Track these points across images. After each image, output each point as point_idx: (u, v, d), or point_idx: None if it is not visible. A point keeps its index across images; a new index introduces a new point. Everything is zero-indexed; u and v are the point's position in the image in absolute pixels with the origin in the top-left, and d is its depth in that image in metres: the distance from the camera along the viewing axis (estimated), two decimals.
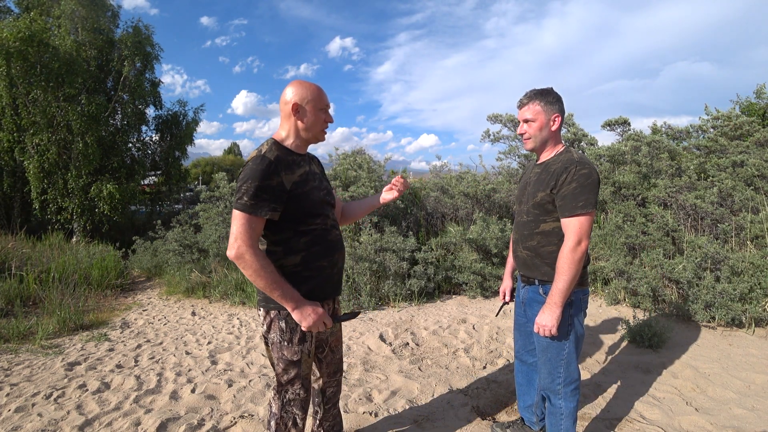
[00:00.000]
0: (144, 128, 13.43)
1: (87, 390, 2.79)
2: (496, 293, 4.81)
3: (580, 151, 1.86)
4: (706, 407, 2.39)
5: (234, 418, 2.37)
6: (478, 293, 4.74)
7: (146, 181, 14.40)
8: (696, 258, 3.94)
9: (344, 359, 3.26)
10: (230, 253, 1.41)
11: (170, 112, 13.84)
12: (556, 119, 1.75)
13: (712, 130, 7.22)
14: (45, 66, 10.06)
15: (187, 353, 3.51)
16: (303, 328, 1.50)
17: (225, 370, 3.10)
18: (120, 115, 12.39)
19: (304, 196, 1.52)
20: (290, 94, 1.54)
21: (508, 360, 3.12)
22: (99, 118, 10.75)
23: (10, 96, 10.07)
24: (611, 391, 2.61)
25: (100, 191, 10.67)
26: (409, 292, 4.74)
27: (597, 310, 4.11)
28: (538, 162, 1.86)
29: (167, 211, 14.15)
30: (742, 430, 2.15)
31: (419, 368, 3.01)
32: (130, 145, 12.89)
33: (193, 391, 2.74)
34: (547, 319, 1.67)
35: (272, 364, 1.61)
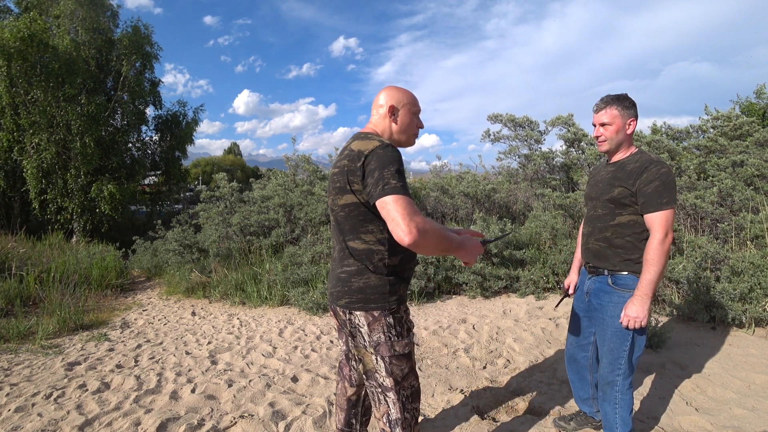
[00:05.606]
0: (144, 128, 13.46)
1: (87, 390, 2.79)
2: (496, 293, 4.81)
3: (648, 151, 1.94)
4: (706, 407, 2.39)
5: (234, 418, 2.37)
6: (478, 293, 4.74)
7: (146, 181, 14.43)
8: (696, 258, 3.94)
9: None
10: (408, 237, 1.23)
11: (170, 112, 13.85)
12: (632, 123, 1.86)
13: (712, 130, 7.23)
14: (45, 66, 10.07)
15: (187, 353, 3.51)
16: (466, 264, 1.50)
17: (225, 370, 3.10)
18: (120, 115, 12.40)
19: None
20: (385, 97, 1.54)
21: (508, 360, 3.12)
22: (99, 118, 10.76)
23: (9, 96, 10.07)
24: None
25: (100, 191, 10.68)
26: (408, 291, 4.73)
27: None
28: (611, 161, 1.95)
29: (167, 211, 14.16)
30: (742, 430, 2.15)
31: (419, 368, 3.01)
32: (130, 145, 12.90)
33: (193, 391, 2.74)
34: (638, 311, 1.68)
35: (369, 371, 1.51)
